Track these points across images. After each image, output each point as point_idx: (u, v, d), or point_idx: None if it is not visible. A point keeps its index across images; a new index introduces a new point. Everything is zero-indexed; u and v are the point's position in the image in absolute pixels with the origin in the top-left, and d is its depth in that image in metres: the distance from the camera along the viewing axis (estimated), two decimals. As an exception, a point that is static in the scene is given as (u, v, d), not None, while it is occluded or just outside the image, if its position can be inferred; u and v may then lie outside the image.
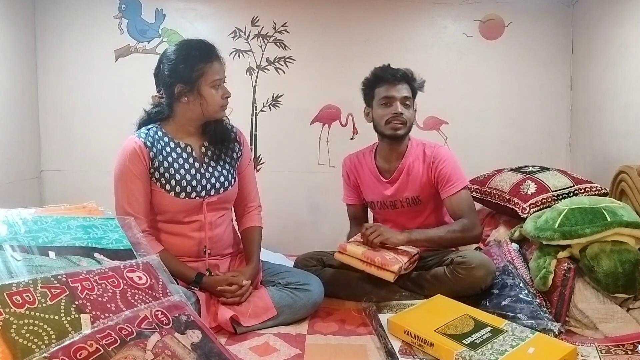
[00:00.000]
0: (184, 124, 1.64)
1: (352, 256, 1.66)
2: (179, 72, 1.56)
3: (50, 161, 2.54)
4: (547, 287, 1.54)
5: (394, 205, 1.91)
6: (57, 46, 2.48)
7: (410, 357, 1.34)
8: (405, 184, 1.87)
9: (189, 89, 1.56)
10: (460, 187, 1.80)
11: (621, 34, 2.14)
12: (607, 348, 1.37)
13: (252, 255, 1.72)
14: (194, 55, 1.56)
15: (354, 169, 1.99)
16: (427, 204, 1.89)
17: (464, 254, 1.70)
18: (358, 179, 1.99)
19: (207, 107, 1.59)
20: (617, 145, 2.18)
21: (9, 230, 1.09)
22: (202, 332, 1.06)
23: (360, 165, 1.98)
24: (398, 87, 1.82)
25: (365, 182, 1.97)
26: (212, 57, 1.58)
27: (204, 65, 1.55)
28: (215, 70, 1.57)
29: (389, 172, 1.91)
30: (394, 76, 1.82)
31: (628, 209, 1.61)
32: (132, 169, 1.56)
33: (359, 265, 1.64)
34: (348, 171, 2.01)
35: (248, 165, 1.79)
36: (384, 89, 1.83)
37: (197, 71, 1.55)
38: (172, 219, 1.63)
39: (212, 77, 1.56)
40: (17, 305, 0.90)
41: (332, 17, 2.55)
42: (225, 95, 1.61)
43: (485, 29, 2.58)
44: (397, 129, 1.81)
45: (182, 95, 1.58)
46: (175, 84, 1.57)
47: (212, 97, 1.58)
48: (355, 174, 1.99)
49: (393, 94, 1.81)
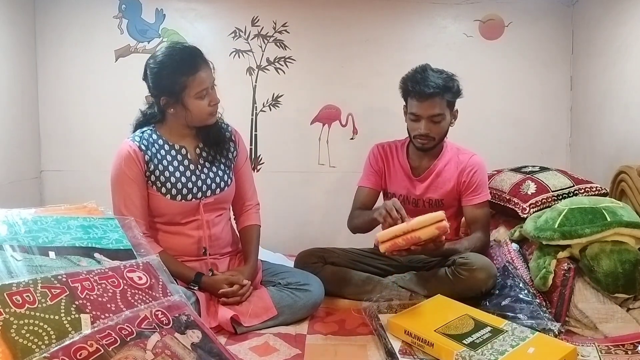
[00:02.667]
0: (177, 128, 1.64)
1: (392, 237, 1.47)
2: (162, 86, 1.54)
3: (50, 161, 2.54)
4: (547, 287, 1.54)
5: (416, 203, 1.91)
6: (57, 46, 2.48)
7: (410, 357, 1.34)
8: (434, 186, 1.88)
9: (174, 101, 1.55)
10: (485, 199, 1.82)
11: (621, 34, 2.14)
12: (607, 348, 1.37)
13: (250, 254, 1.72)
14: (176, 68, 1.51)
15: (385, 156, 1.96)
16: (447, 209, 1.84)
17: (466, 255, 1.70)
18: (385, 167, 1.96)
19: (192, 118, 1.58)
20: (617, 145, 2.18)
21: (9, 230, 1.09)
22: (202, 332, 1.06)
23: (391, 155, 1.96)
24: (427, 104, 1.74)
25: (394, 173, 1.95)
26: (196, 68, 1.52)
27: (186, 79, 1.51)
28: (200, 81, 1.53)
29: (419, 170, 1.91)
30: (422, 93, 1.72)
31: (628, 209, 1.61)
32: (128, 172, 1.56)
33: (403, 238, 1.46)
34: (378, 156, 1.97)
35: (244, 164, 1.79)
36: (413, 104, 1.77)
37: (180, 84, 1.51)
38: (170, 220, 1.64)
39: (196, 89, 1.53)
40: (17, 305, 0.90)
41: (332, 17, 2.55)
42: (212, 103, 1.57)
43: (485, 29, 2.58)
44: (423, 144, 1.81)
45: (167, 106, 1.57)
46: (160, 96, 1.56)
47: (198, 107, 1.55)
48: (384, 162, 1.96)
49: (420, 112, 1.75)
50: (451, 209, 1.90)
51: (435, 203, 1.88)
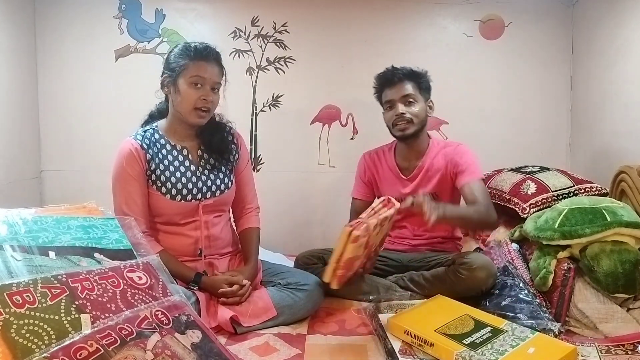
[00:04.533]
0: (177, 125, 1.64)
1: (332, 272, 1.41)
2: (169, 63, 1.60)
3: (50, 161, 2.54)
4: (547, 287, 1.54)
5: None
6: (57, 46, 2.48)
7: (410, 357, 1.34)
8: (424, 182, 1.89)
9: (171, 80, 1.58)
10: (478, 176, 1.80)
11: (621, 34, 2.14)
12: (607, 348, 1.37)
13: (250, 256, 1.72)
14: (186, 50, 1.58)
15: (373, 165, 2.01)
16: (442, 200, 1.87)
17: (466, 254, 1.70)
18: (376, 175, 2.00)
19: (179, 103, 1.57)
20: (617, 145, 2.18)
21: (9, 230, 1.09)
22: (202, 332, 1.06)
23: (379, 161, 2.00)
24: (397, 88, 1.84)
25: (384, 178, 1.97)
26: (202, 57, 1.56)
27: (189, 62, 1.55)
28: (199, 67, 1.55)
29: (408, 170, 1.93)
30: (391, 79, 1.86)
31: (628, 209, 1.61)
32: (129, 171, 1.56)
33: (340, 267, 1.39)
34: (366, 167, 2.02)
35: (246, 168, 1.79)
36: (387, 94, 1.88)
37: (181, 65, 1.55)
38: (169, 220, 1.64)
39: (192, 73, 1.55)
40: (17, 305, 0.90)
41: (332, 17, 2.55)
42: (204, 97, 1.56)
43: (485, 29, 2.58)
44: (404, 129, 1.83)
45: (165, 84, 1.61)
46: (164, 73, 1.61)
47: (187, 93, 1.55)
48: (372, 171, 2.00)
49: (392, 97, 1.85)
50: (446, 200, 1.89)
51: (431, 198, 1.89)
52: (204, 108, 1.57)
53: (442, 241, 1.96)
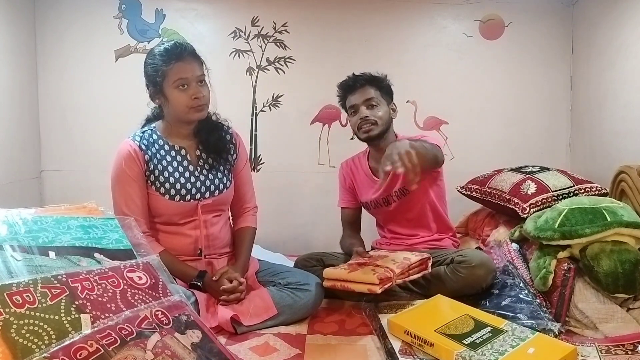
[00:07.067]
0: (174, 126, 1.64)
1: (334, 279, 1.61)
2: (148, 75, 1.58)
3: (50, 161, 2.54)
4: (547, 287, 1.54)
5: (387, 201, 1.94)
6: (57, 46, 2.48)
7: (410, 357, 1.34)
8: (395, 179, 1.87)
9: (157, 92, 1.57)
10: (432, 142, 1.73)
11: (621, 34, 2.14)
12: (607, 348, 1.37)
13: (240, 255, 1.72)
14: (159, 56, 1.55)
15: (350, 172, 2.05)
16: (415, 192, 1.81)
17: (464, 252, 1.71)
18: (354, 181, 2.03)
19: (173, 109, 1.57)
20: (617, 145, 2.18)
21: (9, 230, 1.09)
22: (202, 332, 1.06)
23: (355, 168, 2.04)
24: (359, 93, 1.87)
25: (361, 184, 2.01)
26: (176, 58, 1.52)
27: (165, 68, 1.52)
28: (178, 70, 1.52)
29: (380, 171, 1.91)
30: (353, 85, 1.88)
31: (628, 209, 1.61)
32: (128, 172, 1.56)
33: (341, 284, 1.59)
34: (345, 175, 2.06)
35: (244, 167, 1.79)
36: (349, 100, 1.91)
37: (161, 73, 1.53)
38: (168, 220, 1.64)
39: (173, 78, 1.52)
40: (17, 305, 0.90)
41: (332, 17, 2.55)
42: (194, 95, 1.54)
43: (485, 29, 2.58)
44: (368, 131, 1.86)
45: (154, 98, 1.60)
46: (148, 87, 1.59)
47: (176, 99, 1.54)
48: (351, 177, 2.04)
49: (355, 101, 1.88)
50: (418, 190, 1.83)
51: (401, 192, 1.90)
52: (198, 104, 1.57)
53: (438, 238, 1.97)
